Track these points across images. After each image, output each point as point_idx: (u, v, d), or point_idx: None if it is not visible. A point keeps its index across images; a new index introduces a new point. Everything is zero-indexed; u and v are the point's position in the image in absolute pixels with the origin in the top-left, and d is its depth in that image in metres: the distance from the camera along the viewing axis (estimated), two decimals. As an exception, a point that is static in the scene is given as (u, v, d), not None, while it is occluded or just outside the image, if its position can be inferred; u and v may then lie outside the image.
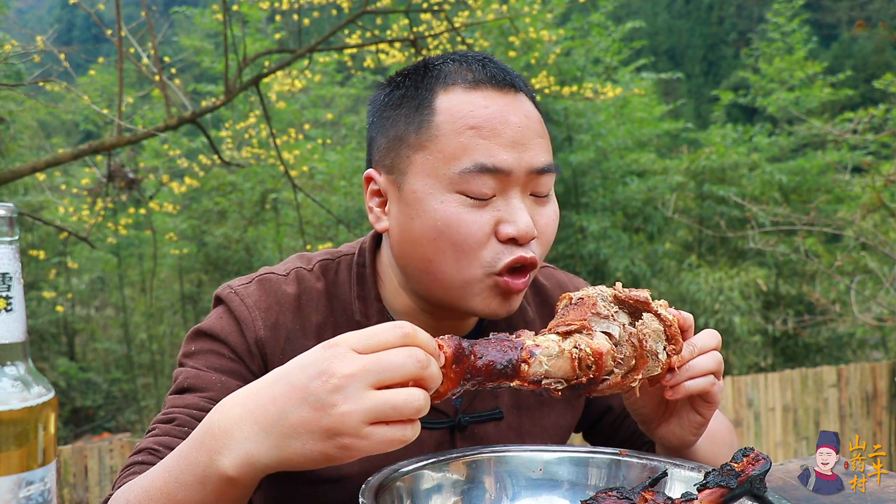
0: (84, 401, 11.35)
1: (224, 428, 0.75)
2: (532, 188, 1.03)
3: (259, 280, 1.13)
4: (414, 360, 0.70)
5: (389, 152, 1.06)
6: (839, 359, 8.60)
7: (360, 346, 0.71)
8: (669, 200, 8.86)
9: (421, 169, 1.01)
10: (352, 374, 0.69)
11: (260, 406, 0.73)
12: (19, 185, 9.16)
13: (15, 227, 0.62)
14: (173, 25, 11.80)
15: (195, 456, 0.77)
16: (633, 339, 0.89)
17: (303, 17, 6.52)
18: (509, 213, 1.00)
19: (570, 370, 0.83)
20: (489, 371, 0.78)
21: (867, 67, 19.69)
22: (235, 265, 9.99)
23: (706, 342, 0.98)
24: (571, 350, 0.84)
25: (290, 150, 9.55)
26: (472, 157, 0.98)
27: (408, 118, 1.04)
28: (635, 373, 0.89)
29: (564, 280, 1.33)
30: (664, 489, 0.93)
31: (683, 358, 0.94)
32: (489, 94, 1.02)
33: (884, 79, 7.18)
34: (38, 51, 5.14)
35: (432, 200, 1.00)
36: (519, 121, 1.02)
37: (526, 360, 0.81)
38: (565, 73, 9.46)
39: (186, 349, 1.09)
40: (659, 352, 0.91)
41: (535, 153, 1.02)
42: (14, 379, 0.62)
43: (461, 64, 1.06)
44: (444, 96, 1.03)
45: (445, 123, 1.00)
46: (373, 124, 1.12)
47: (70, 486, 4.71)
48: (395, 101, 1.07)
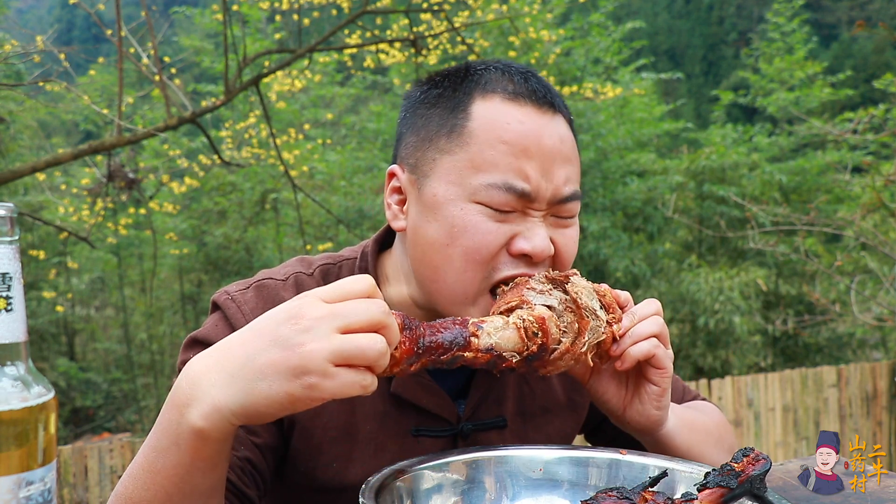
0: (84, 401, 11.35)
1: (192, 379, 0.76)
2: (555, 211, 1.03)
3: (257, 286, 1.11)
4: (377, 306, 0.74)
5: (416, 151, 1.05)
6: (839, 359, 8.60)
7: (327, 296, 0.74)
8: (669, 200, 8.86)
9: (445, 173, 1.00)
10: (320, 316, 0.72)
11: (228, 353, 0.75)
12: (19, 185, 9.17)
13: (15, 227, 0.62)
14: (173, 25, 11.80)
15: (167, 416, 0.78)
16: (569, 305, 0.94)
17: (303, 17, 6.52)
18: (527, 230, 1.00)
19: (518, 340, 0.88)
20: (440, 345, 0.83)
21: (867, 67, 19.69)
22: (235, 265, 9.99)
23: (645, 309, 1.01)
24: (515, 322, 0.89)
25: (290, 150, 9.55)
26: (500, 174, 0.98)
27: (441, 119, 1.03)
28: (581, 336, 0.94)
29: None
30: (664, 489, 0.93)
31: (625, 326, 0.98)
32: (527, 111, 1.01)
33: (884, 79, 7.18)
34: (38, 51, 5.14)
35: (452, 207, 0.99)
36: (552, 144, 1.01)
37: (474, 334, 0.86)
38: (565, 73, 9.46)
39: (184, 357, 1.08)
40: (597, 309, 0.95)
41: (563, 180, 1.01)
42: (14, 379, 0.62)
43: (503, 73, 1.04)
44: (481, 103, 1.01)
45: (479, 131, 1.00)
46: (404, 119, 1.10)
47: (70, 486, 4.71)
48: (431, 99, 1.06)
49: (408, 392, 1.08)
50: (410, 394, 1.08)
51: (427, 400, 1.09)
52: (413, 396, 1.08)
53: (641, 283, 9.16)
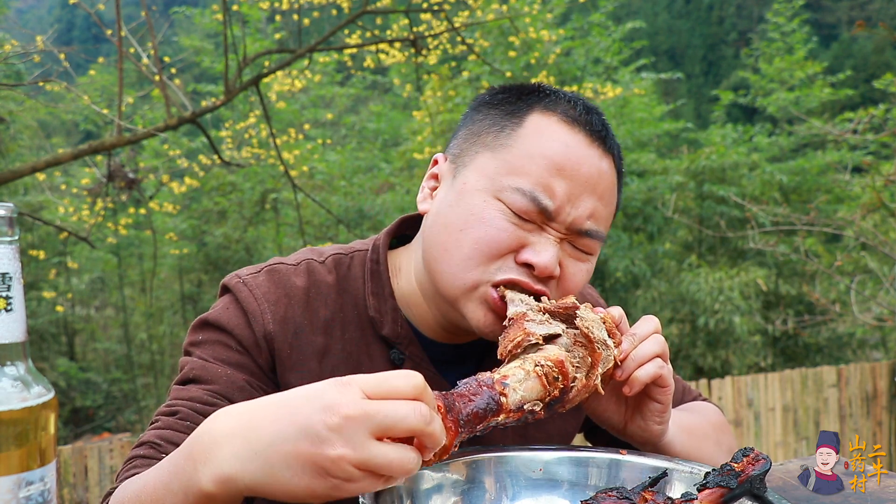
0: (84, 401, 11.35)
1: (214, 438, 0.73)
2: (573, 240, 1.04)
3: (268, 270, 1.11)
4: (418, 414, 0.69)
5: (464, 143, 1.08)
6: (839, 359, 8.60)
7: (369, 390, 0.69)
8: (669, 200, 8.86)
9: (482, 167, 1.03)
10: (354, 416, 0.67)
11: (256, 425, 0.71)
12: (19, 185, 9.17)
13: (15, 227, 0.62)
14: (173, 25, 11.80)
15: (183, 464, 0.76)
16: (579, 339, 0.92)
17: (303, 17, 6.52)
18: (538, 243, 1.00)
19: (541, 388, 0.86)
20: (476, 415, 0.79)
21: (867, 67, 19.69)
22: (235, 265, 9.99)
23: (645, 329, 0.99)
24: (535, 369, 0.86)
25: (290, 150, 9.55)
26: (530, 183, 0.99)
27: (495, 118, 1.06)
28: (594, 369, 0.92)
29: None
30: (664, 489, 0.93)
31: (625, 349, 0.96)
32: (578, 138, 1.02)
33: (884, 79, 7.18)
34: (38, 51, 5.14)
35: (476, 197, 1.01)
36: (589, 174, 1.01)
37: (503, 393, 0.82)
38: (565, 73, 9.46)
39: (193, 338, 1.08)
40: (606, 339, 0.93)
41: (588, 213, 1.02)
42: (14, 379, 0.62)
43: (569, 101, 1.06)
44: (538, 115, 1.04)
45: (525, 138, 1.02)
46: (465, 116, 1.13)
47: (70, 486, 4.71)
48: (496, 102, 1.09)
49: None
50: None
51: None
52: None
53: (641, 283, 9.16)
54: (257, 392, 1.04)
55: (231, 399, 1.02)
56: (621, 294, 9.33)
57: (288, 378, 1.07)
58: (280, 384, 1.07)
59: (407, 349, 1.11)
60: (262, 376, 1.06)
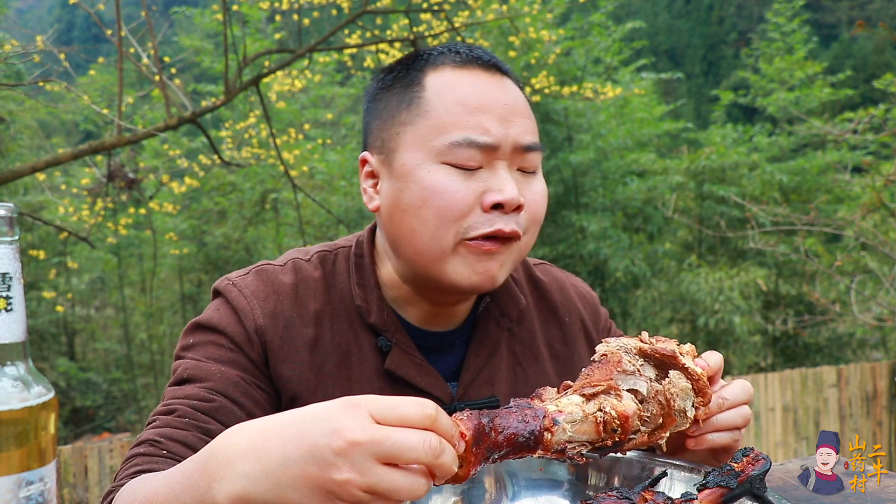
0: (84, 401, 11.35)
1: (228, 457, 0.73)
2: (519, 164, 1.06)
3: (256, 271, 1.15)
4: (427, 445, 0.67)
5: (381, 132, 1.09)
6: (839, 359, 8.60)
7: (379, 414, 0.68)
8: (669, 200, 8.86)
9: (411, 143, 1.04)
10: (360, 442, 0.66)
11: (267, 446, 0.71)
12: (19, 185, 9.17)
13: (15, 227, 0.62)
14: (173, 25, 11.80)
15: (196, 478, 0.76)
16: (659, 398, 0.87)
17: (303, 17, 6.52)
18: (495, 182, 1.02)
19: (594, 433, 0.81)
20: (511, 444, 0.75)
21: (867, 67, 19.69)
22: (235, 265, 9.99)
23: (737, 395, 0.96)
24: (596, 414, 0.81)
25: (290, 150, 9.54)
26: (461, 131, 1.01)
27: (398, 96, 1.08)
28: (662, 430, 0.88)
29: (561, 277, 1.34)
30: (664, 489, 0.93)
31: (711, 410, 0.93)
32: (476, 73, 1.06)
33: (884, 79, 7.18)
34: (38, 51, 5.13)
35: (420, 171, 1.02)
36: (506, 99, 1.05)
37: (549, 429, 0.77)
38: (565, 73, 9.46)
39: (185, 342, 1.10)
40: (688, 409, 0.88)
41: (521, 130, 1.05)
42: (14, 379, 0.62)
43: (450, 49, 1.10)
44: (432, 75, 1.07)
45: (434, 98, 1.04)
46: (367, 110, 1.15)
47: (70, 486, 4.71)
48: (388, 83, 1.11)
49: (402, 370, 1.11)
50: (404, 371, 1.11)
51: (420, 378, 1.12)
52: (407, 374, 1.12)
53: (641, 283, 9.17)
54: (251, 388, 1.05)
55: (227, 395, 1.03)
56: (621, 294, 9.34)
57: (280, 370, 1.09)
58: (272, 376, 1.09)
59: (394, 336, 1.13)
60: (256, 371, 1.08)
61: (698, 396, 0.90)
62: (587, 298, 1.34)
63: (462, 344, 1.20)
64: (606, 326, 1.35)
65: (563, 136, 9.28)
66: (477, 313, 1.20)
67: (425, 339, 1.16)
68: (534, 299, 1.28)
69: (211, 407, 1.01)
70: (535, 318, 1.26)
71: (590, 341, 1.29)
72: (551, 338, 1.26)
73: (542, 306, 1.28)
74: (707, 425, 0.93)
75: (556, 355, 1.26)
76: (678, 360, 0.89)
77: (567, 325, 1.28)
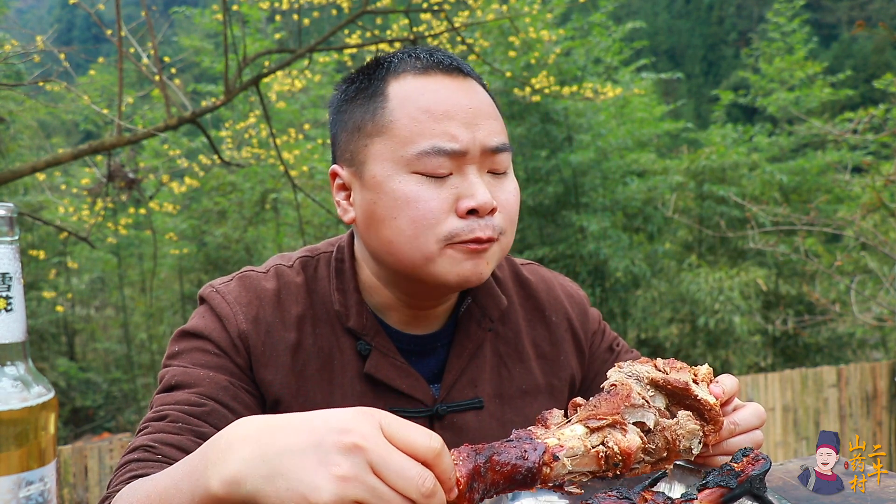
0: (84, 401, 11.35)
1: (230, 441, 0.73)
2: (489, 166, 1.06)
3: (239, 277, 1.16)
4: (420, 482, 0.66)
5: (349, 145, 1.09)
6: (839, 359, 8.60)
7: (389, 429, 0.68)
8: (669, 200, 8.86)
9: (379, 155, 1.04)
10: (366, 447, 0.66)
11: (272, 434, 0.71)
12: (19, 185, 9.17)
13: (15, 227, 0.62)
14: (173, 25, 11.80)
15: (196, 464, 0.76)
16: (666, 434, 0.86)
17: (303, 17, 6.52)
18: (467, 188, 1.02)
19: (595, 466, 0.80)
20: (508, 479, 0.74)
21: (867, 67, 19.69)
22: (235, 265, 9.99)
23: (749, 421, 0.96)
24: (598, 448, 0.79)
25: (290, 150, 9.54)
26: (427, 139, 1.01)
27: (363, 108, 1.07)
28: (665, 463, 0.87)
29: (549, 276, 1.34)
30: (664, 489, 0.93)
31: (721, 436, 0.93)
32: (438, 79, 1.05)
33: (884, 79, 7.18)
34: (38, 51, 5.13)
35: (391, 182, 1.02)
36: (470, 102, 1.04)
37: (548, 464, 0.75)
38: (565, 73, 9.46)
39: (171, 350, 1.11)
40: (693, 447, 0.88)
41: (488, 133, 1.04)
42: (14, 379, 0.62)
43: (410, 55, 1.09)
44: (395, 83, 1.06)
45: (398, 108, 1.03)
46: (333, 122, 1.15)
47: (70, 486, 4.71)
48: (350, 94, 1.11)
49: (381, 373, 1.11)
50: (384, 374, 1.11)
51: (400, 381, 1.12)
52: (387, 377, 1.11)
53: (641, 283, 9.16)
54: (240, 392, 1.06)
55: (216, 399, 1.03)
56: (621, 294, 9.34)
57: (263, 374, 1.09)
58: (256, 381, 1.09)
59: (373, 340, 1.13)
60: (242, 376, 1.08)
61: (709, 424, 0.89)
62: (575, 298, 1.33)
63: (444, 346, 1.19)
64: (600, 329, 1.33)
65: (563, 136, 9.28)
66: (458, 315, 1.20)
67: (407, 342, 1.16)
68: (520, 299, 1.27)
69: (203, 411, 1.01)
70: (521, 318, 1.25)
71: (577, 341, 1.29)
72: (538, 337, 1.26)
73: (528, 306, 1.27)
74: (716, 449, 0.94)
75: (543, 355, 1.25)
76: (690, 391, 0.88)
77: (554, 324, 1.27)
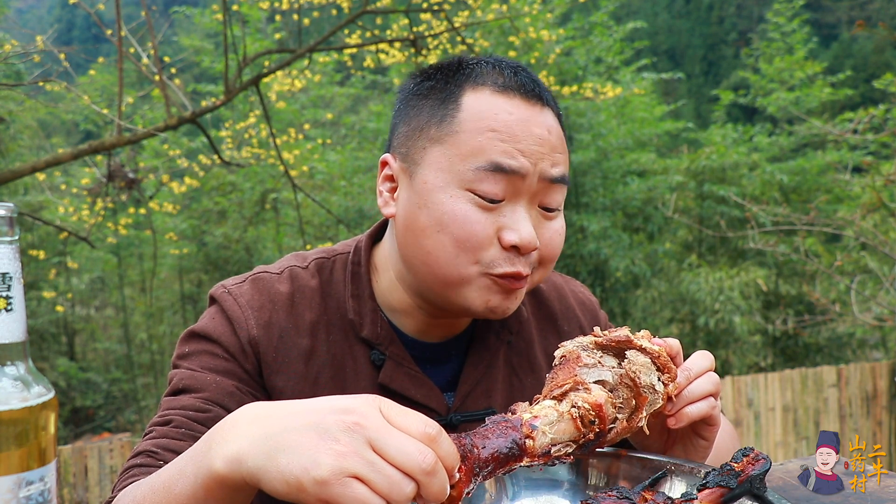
0: (84, 401, 11.35)
1: (235, 421, 0.74)
2: (542, 199, 1.04)
3: (252, 279, 1.13)
4: (421, 458, 0.67)
5: (408, 140, 1.06)
6: (839, 359, 8.60)
7: (388, 412, 0.70)
8: (669, 200, 8.86)
9: (436, 161, 1.02)
10: (365, 425, 0.68)
11: (275, 413, 0.73)
12: (19, 185, 9.18)
13: (15, 227, 0.62)
14: (173, 25, 11.80)
15: (200, 446, 0.76)
16: (625, 380, 0.89)
17: (303, 17, 6.52)
18: (513, 222, 1.00)
19: (574, 431, 0.82)
20: (496, 458, 0.76)
21: (867, 67, 19.69)
22: (235, 265, 10.00)
23: (700, 364, 0.97)
24: (570, 411, 0.83)
25: (290, 150, 9.55)
26: (488, 156, 0.99)
27: (432, 109, 1.05)
28: (638, 412, 0.89)
29: (560, 283, 1.33)
30: (664, 489, 0.93)
31: (680, 384, 0.93)
32: (516, 102, 1.02)
33: (884, 79, 7.18)
34: (38, 51, 5.13)
35: (442, 194, 1.00)
36: (540, 133, 1.02)
37: (529, 436, 0.79)
38: (566, 72, 9.46)
39: (181, 351, 1.09)
40: (655, 383, 0.90)
41: (550, 164, 1.02)
42: (14, 379, 0.62)
43: (494, 67, 1.06)
44: (471, 94, 1.03)
45: (468, 121, 1.01)
46: (398, 111, 1.12)
47: (70, 486, 4.71)
48: (424, 91, 1.08)
49: (395, 383, 1.10)
50: (398, 385, 1.10)
51: (415, 391, 1.10)
52: (401, 387, 1.10)
53: (641, 282, 9.16)
54: (247, 397, 1.05)
55: (222, 405, 1.02)
56: (621, 294, 9.34)
57: (274, 381, 1.07)
58: (267, 387, 1.08)
59: (387, 350, 1.11)
60: (251, 381, 1.07)
61: (664, 373, 0.91)
62: (587, 305, 1.33)
63: (459, 354, 1.18)
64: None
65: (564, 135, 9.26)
66: (476, 325, 1.19)
67: (421, 349, 1.15)
68: (533, 308, 1.27)
69: (207, 417, 1.00)
70: (534, 328, 1.25)
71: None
72: (550, 347, 1.24)
73: (540, 315, 1.27)
74: (681, 399, 0.94)
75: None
76: (633, 342, 0.91)
77: (566, 333, 1.26)
